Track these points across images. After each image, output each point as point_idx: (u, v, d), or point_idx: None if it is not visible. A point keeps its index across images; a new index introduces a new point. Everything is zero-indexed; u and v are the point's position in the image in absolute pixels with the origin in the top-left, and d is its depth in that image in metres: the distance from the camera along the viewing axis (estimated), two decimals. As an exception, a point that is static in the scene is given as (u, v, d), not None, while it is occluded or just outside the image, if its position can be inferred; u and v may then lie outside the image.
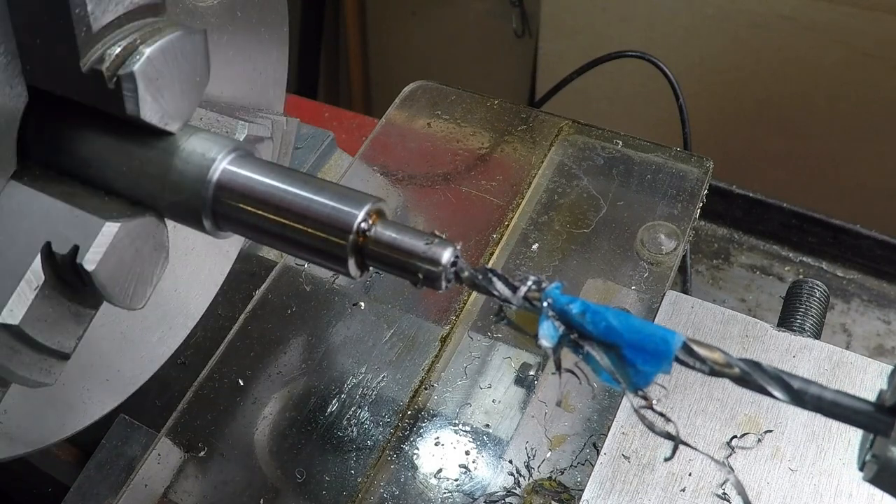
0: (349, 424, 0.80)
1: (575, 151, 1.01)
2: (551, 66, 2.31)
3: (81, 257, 0.50)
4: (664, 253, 0.90)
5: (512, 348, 0.86)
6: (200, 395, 0.83)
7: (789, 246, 1.25)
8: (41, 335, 0.54)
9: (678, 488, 0.71)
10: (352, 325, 0.87)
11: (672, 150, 0.99)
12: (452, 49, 2.71)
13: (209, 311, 0.87)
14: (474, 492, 0.76)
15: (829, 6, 1.86)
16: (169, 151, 0.51)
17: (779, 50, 1.97)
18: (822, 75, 1.95)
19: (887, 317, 1.18)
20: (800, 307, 0.85)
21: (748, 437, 0.73)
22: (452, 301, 0.88)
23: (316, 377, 0.84)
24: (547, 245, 0.93)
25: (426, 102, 1.07)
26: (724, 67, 2.05)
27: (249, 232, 0.52)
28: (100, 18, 0.48)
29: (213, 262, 0.85)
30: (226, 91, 0.74)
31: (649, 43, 2.03)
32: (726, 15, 1.98)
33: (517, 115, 1.05)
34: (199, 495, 0.78)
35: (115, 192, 0.53)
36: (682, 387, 0.76)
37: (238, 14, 0.72)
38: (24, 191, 0.53)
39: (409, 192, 0.99)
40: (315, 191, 0.50)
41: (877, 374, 0.76)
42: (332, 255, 0.49)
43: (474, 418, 0.81)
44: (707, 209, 0.99)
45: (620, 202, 0.95)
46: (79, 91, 0.50)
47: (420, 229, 0.49)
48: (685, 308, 0.82)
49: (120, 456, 0.85)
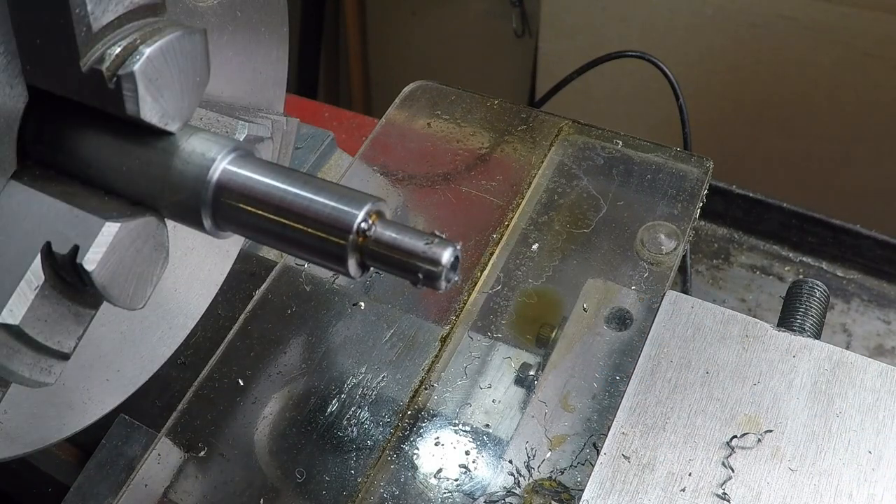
0: (349, 424, 0.80)
1: (575, 151, 1.01)
2: (551, 66, 2.31)
3: (81, 257, 0.50)
4: (664, 253, 0.90)
5: (512, 348, 0.86)
6: (200, 395, 0.83)
7: (789, 246, 1.25)
8: (41, 335, 0.54)
9: (678, 488, 0.71)
10: (352, 325, 0.87)
11: (672, 150, 0.99)
12: (452, 49, 2.71)
13: (209, 311, 0.86)
14: (474, 492, 0.76)
15: (829, 6, 1.86)
16: (169, 151, 0.51)
17: (779, 50, 1.97)
18: (822, 75, 1.95)
19: (887, 317, 1.18)
20: (800, 307, 0.85)
21: (748, 437, 0.73)
22: (452, 301, 0.88)
23: (316, 377, 0.84)
24: (547, 245, 0.93)
25: (426, 102, 1.07)
26: (724, 67, 2.05)
27: (249, 232, 0.52)
28: (100, 18, 0.48)
29: (213, 262, 0.85)
30: (226, 91, 0.74)
31: (649, 43, 2.04)
32: (726, 15, 1.98)
33: (517, 115, 1.05)
34: (199, 495, 0.78)
35: (115, 192, 0.53)
36: (682, 387, 0.76)
37: (238, 14, 0.72)
38: (24, 191, 0.53)
39: (409, 192, 0.99)
40: (315, 191, 0.50)
41: (877, 374, 0.76)
42: (332, 255, 0.49)
43: (474, 418, 0.81)
44: (707, 209, 0.99)
45: (620, 202, 0.95)
46: (79, 91, 0.50)
47: (420, 229, 0.49)
48: (685, 308, 0.82)
49: (120, 456, 0.85)
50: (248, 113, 0.73)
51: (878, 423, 0.73)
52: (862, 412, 0.74)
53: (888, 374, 0.76)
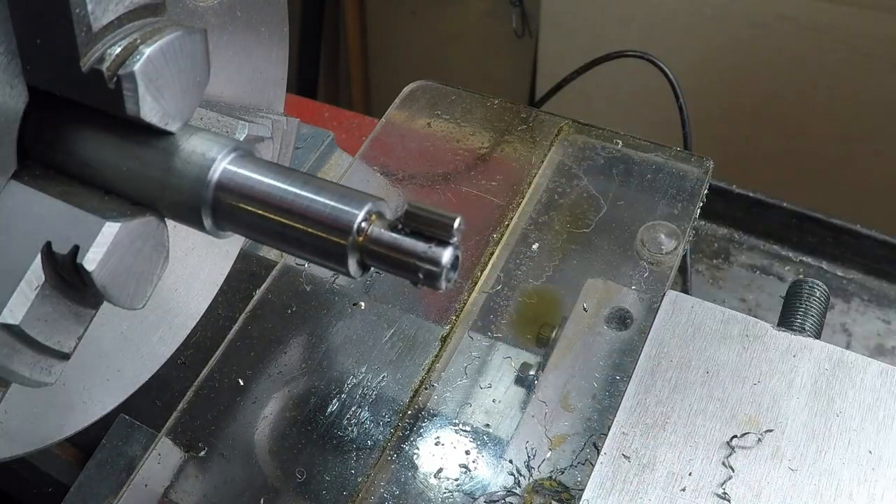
0: (349, 424, 0.80)
1: (575, 151, 1.01)
2: (551, 66, 2.31)
3: (82, 257, 0.50)
4: (664, 253, 0.90)
5: (512, 348, 0.86)
6: (200, 395, 0.83)
7: (789, 246, 1.25)
8: (41, 335, 0.54)
9: (678, 488, 0.71)
10: (352, 325, 0.87)
11: (672, 150, 0.99)
12: (452, 49, 2.71)
13: (209, 311, 0.86)
14: (474, 491, 0.76)
15: (829, 6, 1.86)
16: (169, 151, 0.51)
17: (779, 50, 1.97)
18: (822, 75, 1.95)
19: (887, 317, 1.18)
20: (800, 307, 0.85)
21: (748, 436, 0.73)
22: (452, 301, 0.88)
23: (316, 377, 0.84)
24: (547, 245, 0.93)
25: (426, 102, 1.07)
26: (724, 67, 2.05)
27: (249, 232, 0.52)
28: (100, 18, 0.48)
29: (213, 262, 0.85)
30: (226, 91, 0.74)
31: (649, 43, 2.03)
32: (726, 15, 1.98)
33: (517, 115, 1.05)
34: (199, 495, 0.78)
35: (116, 191, 0.53)
36: (682, 386, 0.76)
37: (238, 14, 0.72)
38: (25, 191, 0.53)
39: (409, 192, 0.99)
40: (315, 190, 0.50)
41: (877, 374, 0.76)
42: (332, 255, 0.49)
43: (474, 418, 0.81)
44: (707, 209, 0.99)
45: (620, 202, 0.95)
46: (79, 91, 0.50)
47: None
48: (685, 308, 0.82)
49: (120, 456, 0.85)
50: (248, 113, 0.73)
51: (878, 422, 0.73)
52: (862, 412, 0.74)
53: (888, 374, 0.76)
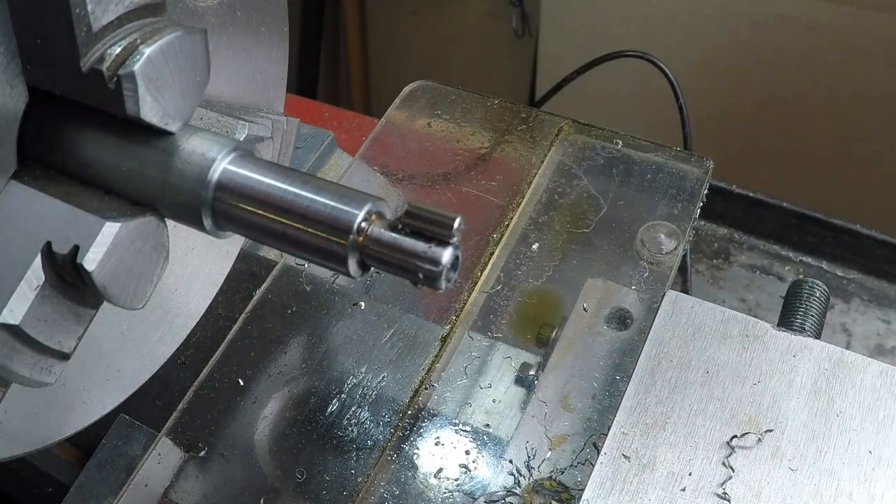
0: (349, 424, 0.80)
1: (575, 151, 1.01)
2: (551, 66, 2.31)
3: (82, 257, 0.50)
4: (664, 253, 0.90)
5: (512, 348, 0.86)
6: (200, 395, 0.83)
7: (789, 246, 1.25)
8: (41, 335, 0.54)
9: (678, 488, 0.71)
10: (352, 325, 0.87)
11: (672, 150, 0.99)
12: (452, 49, 2.71)
13: (209, 311, 0.86)
14: (474, 491, 0.76)
15: (829, 6, 1.86)
16: (169, 151, 0.51)
17: (779, 50, 1.97)
18: (822, 75, 1.95)
19: (887, 317, 1.18)
20: (800, 307, 0.85)
21: (748, 436, 0.73)
22: (452, 301, 0.88)
23: (316, 377, 0.84)
24: (547, 245, 0.93)
25: (426, 102, 1.07)
26: (724, 67, 2.05)
27: (249, 232, 0.52)
28: (100, 18, 0.48)
29: (213, 262, 0.85)
30: (226, 91, 0.74)
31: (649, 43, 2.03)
32: (726, 15, 1.98)
33: (517, 115, 1.05)
34: (199, 495, 0.78)
35: (116, 191, 0.53)
36: (682, 386, 0.76)
37: (238, 14, 0.72)
38: (25, 191, 0.53)
39: (409, 192, 0.99)
40: (315, 190, 0.50)
41: (877, 374, 0.76)
42: (332, 255, 0.49)
43: (474, 418, 0.81)
44: (707, 209, 0.99)
45: (620, 202, 0.95)
46: (79, 91, 0.50)
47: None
48: (685, 308, 0.82)
49: (120, 456, 0.85)
50: (248, 113, 0.73)
51: (878, 422, 0.73)
52: (862, 412, 0.74)
53: (888, 374, 0.76)
